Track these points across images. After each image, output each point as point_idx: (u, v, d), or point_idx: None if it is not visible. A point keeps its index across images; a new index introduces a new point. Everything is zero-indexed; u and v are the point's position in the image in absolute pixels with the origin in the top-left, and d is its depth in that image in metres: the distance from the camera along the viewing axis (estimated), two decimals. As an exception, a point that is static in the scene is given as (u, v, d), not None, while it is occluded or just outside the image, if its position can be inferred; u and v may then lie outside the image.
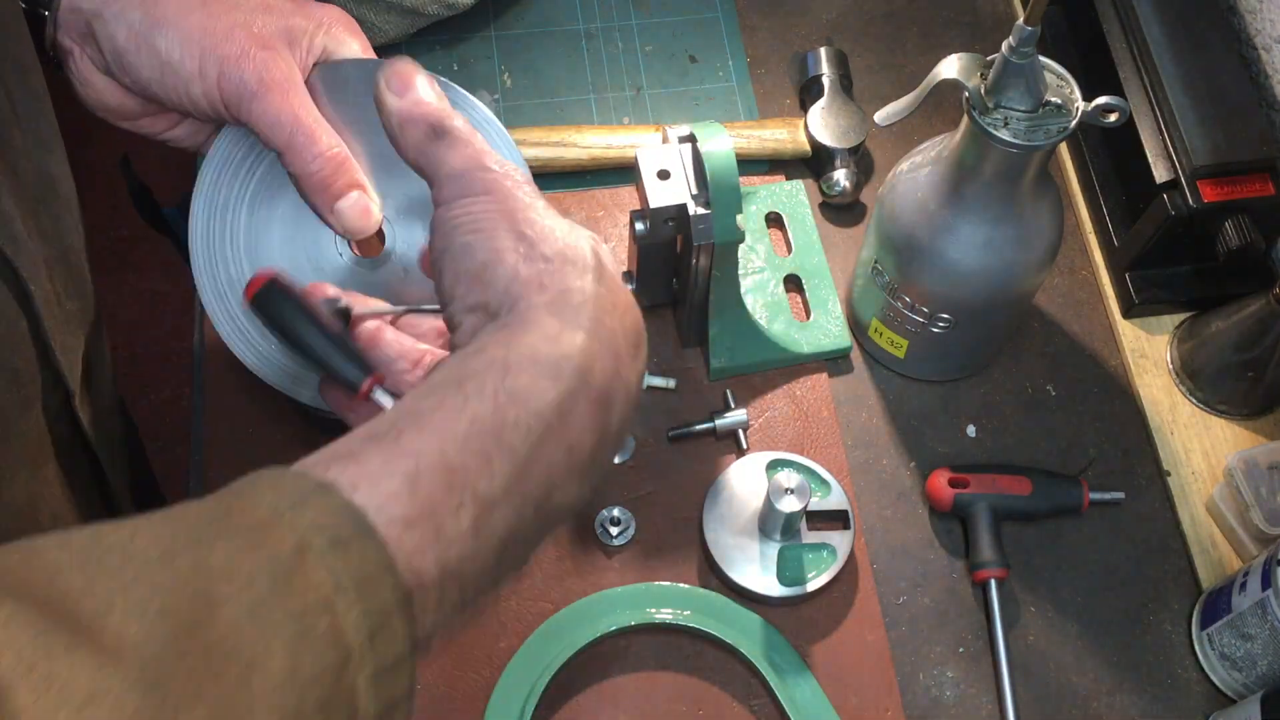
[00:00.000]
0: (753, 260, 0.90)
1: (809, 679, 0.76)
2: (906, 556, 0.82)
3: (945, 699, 0.78)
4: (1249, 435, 0.86)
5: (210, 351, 0.85)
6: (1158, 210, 0.84)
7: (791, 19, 1.02)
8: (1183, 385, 0.88)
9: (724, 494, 0.80)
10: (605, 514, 0.80)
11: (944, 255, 0.76)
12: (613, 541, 0.80)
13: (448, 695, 0.75)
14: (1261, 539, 0.79)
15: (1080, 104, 0.70)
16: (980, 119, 0.69)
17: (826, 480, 0.81)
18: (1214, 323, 0.85)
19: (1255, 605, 0.73)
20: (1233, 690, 0.77)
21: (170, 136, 0.70)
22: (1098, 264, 0.92)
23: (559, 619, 0.77)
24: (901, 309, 0.81)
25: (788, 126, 0.94)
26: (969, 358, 0.86)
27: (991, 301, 0.79)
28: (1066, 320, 0.91)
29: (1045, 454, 0.85)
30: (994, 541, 0.80)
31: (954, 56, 0.71)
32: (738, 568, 0.78)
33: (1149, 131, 0.86)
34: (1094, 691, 0.78)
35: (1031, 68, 0.68)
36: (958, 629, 0.80)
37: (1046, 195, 0.76)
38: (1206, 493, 0.84)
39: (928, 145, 0.78)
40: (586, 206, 0.92)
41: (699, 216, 0.77)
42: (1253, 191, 0.83)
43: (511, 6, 1.01)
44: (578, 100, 0.98)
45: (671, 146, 0.79)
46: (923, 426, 0.86)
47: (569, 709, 0.76)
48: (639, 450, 0.83)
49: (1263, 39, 0.91)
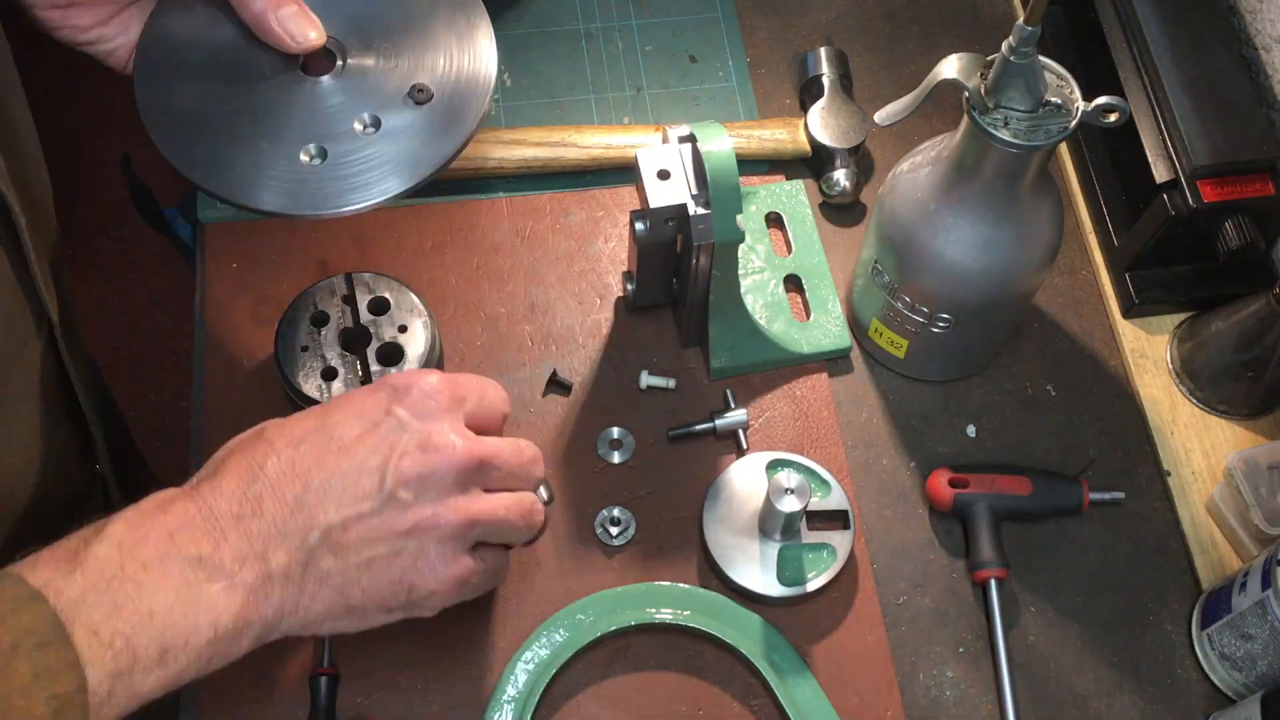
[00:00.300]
0: (753, 260, 0.90)
1: (809, 679, 0.76)
2: (906, 556, 0.82)
3: (945, 699, 0.78)
4: (1249, 435, 0.86)
5: (210, 351, 0.85)
6: (1158, 210, 0.84)
7: (791, 19, 1.02)
8: (1183, 385, 0.88)
9: (724, 494, 0.80)
10: (605, 514, 0.81)
11: (944, 255, 0.76)
12: (613, 541, 0.80)
13: (448, 695, 0.75)
14: (1261, 539, 0.79)
15: (1080, 104, 0.70)
16: (980, 119, 0.69)
17: (826, 480, 0.81)
18: (1214, 323, 0.85)
19: (1255, 605, 0.73)
20: (1233, 690, 0.77)
21: (99, 34, 0.71)
22: (1098, 264, 0.92)
23: (559, 619, 0.77)
24: (901, 309, 0.81)
25: (788, 126, 0.94)
26: (969, 358, 0.86)
27: (991, 301, 0.79)
28: (1066, 320, 0.91)
29: (1045, 454, 0.85)
30: (994, 541, 0.80)
31: (954, 56, 0.71)
32: (738, 568, 0.78)
33: (1149, 131, 0.86)
34: (1094, 691, 0.78)
35: (1031, 68, 0.68)
36: (958, 629, 0.80)
37: (1047, 195, 0.76)
38: (1206, 493, 0.84)
39: (928, 145, 0.78)
40: (586, 206, 0.92)
41: (699, 216, 0.77)
42: (1253, 191, 0.83)
43: (511, 6, 1.01)
44: (578, 100, 0.98)
45: (671, 146, 0.79)
46: (923, 426, 0.86)
47: (569, 709, 0.76)
48: (639, 450, 0.83)
49: (1263, 39, 0.91)
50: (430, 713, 0.75)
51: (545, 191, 0.93)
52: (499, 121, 0.96)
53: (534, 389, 0.85)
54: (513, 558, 0.80)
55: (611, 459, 0.83)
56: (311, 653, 0.75)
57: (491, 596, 0.78)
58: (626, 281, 0.87)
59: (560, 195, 0.93)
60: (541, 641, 0.76)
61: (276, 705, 0.74)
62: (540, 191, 0.93)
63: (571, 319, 0.88)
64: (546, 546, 0.80)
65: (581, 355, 0.87)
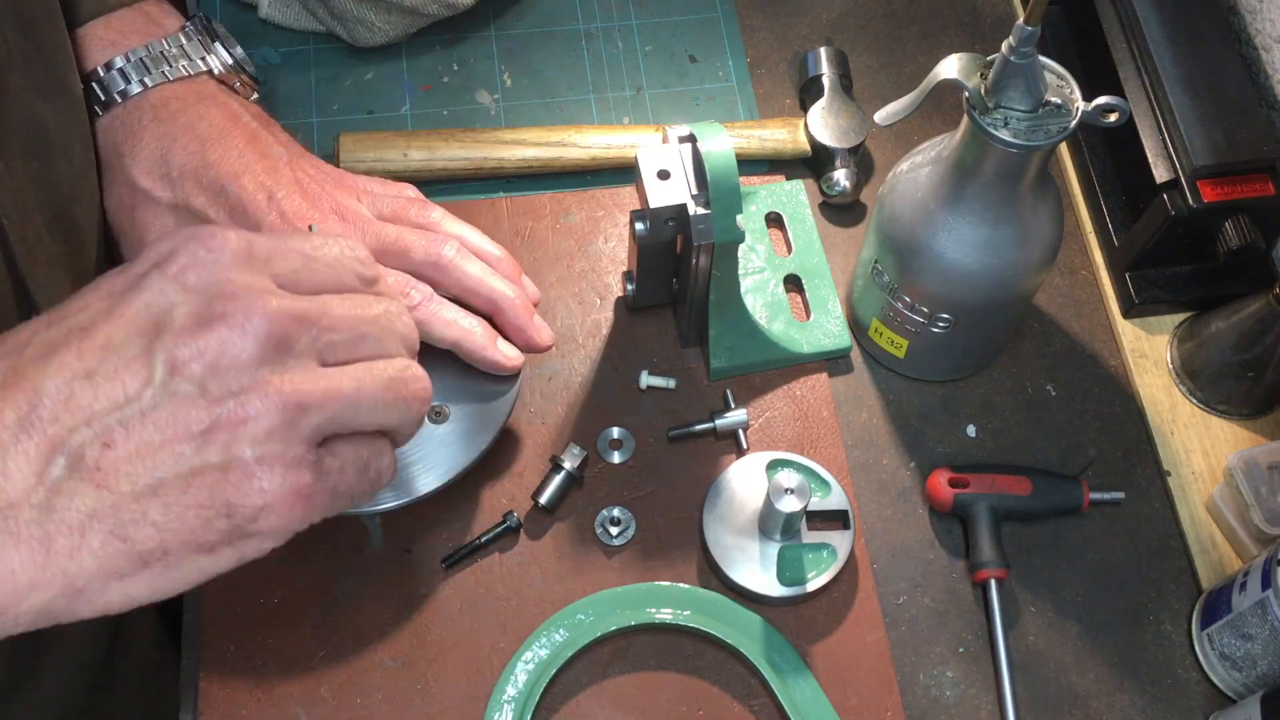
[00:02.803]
0: (753, 260, 0.90)
1: (809, 679, 0.76)
2: (906, 556, 0.82)
3: (945, 699, 0.78)
4: (1249, 435, 0.86)
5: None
6: (1158, 210, 0.84)
7: (791, 19, 1.02)
8: (1183, 385, 0.88)
9: (724, 494, 0.80)
10: (605, 514, 0.80)
11: (944, 255, 0.76)
12: (613, 541, 0.80)
13: (448, 695, 0.75)
14: (1261, 539, 0.79)
15: (1080, 104, 0.70)
16: (980, 119, 0.69)
17: (826, 480, 0.81)
18: (1214, 323, 0.85)
19: (1255, 605, 0.73)
20: (1233, 690, 0.77)
21: None
22: (1098, 264, 0.92)
23: (559, 619, 0.77)
24: (902, 309, 0.81)
25: (788, 126, 0.94)
26: (969, 358, 0.86)
27: (992, 301, 0.79)
28: (1066, 320, 0.91)
29: (1045, 454, 0.85)
30: (994, 541, 0.80)
31: (954, 57, 0.71)
32: (738, 568, 0.78)
33: (1149, 131, 0.86)
34: (1094, 691, 0.78)
35: (1031, 68, 0.68)
36: (958, 629, 0.80)
37: (1047, 195, 0.76)
38: (1206, 493, 0.84)
39: (927, 145, 0.78)
40: (586, 206, 0.92)
41: (699, 216, 0.77)
42: (1253, 191, 0.83)
43: (511, 6, 1.01)
44: (578, 100, 0.98)
45: (671, 146, 0.79)
46: (923, 426, 0.86)
47: (569, 709, 0.76)
48: (639, 450, 0.83)
49: (1263, 39, 0.91)
50: (430, 713, 0.75)
51: (545, 191, 0.93)
52: (499, 121, 0.96)
53: (534, 389, 0.85)
54: (512, 558, 0.79)
55: (611, 459, 0.83)
56: (311, 646, 0.75)
57: (491, 596, 0.78)
58: (626, 281, 0.87)
59: (560, 195, 0.93)
60: (541, 641, 0.76)
61: (276, 705, 0.74)
62: (540, 191, 0.93)
63: (571, 319, 0.88)
64: (547, 546, 0.80)
65: (581, 355, 0.87)
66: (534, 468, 0.82)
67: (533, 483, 0.81)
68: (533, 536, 0.80)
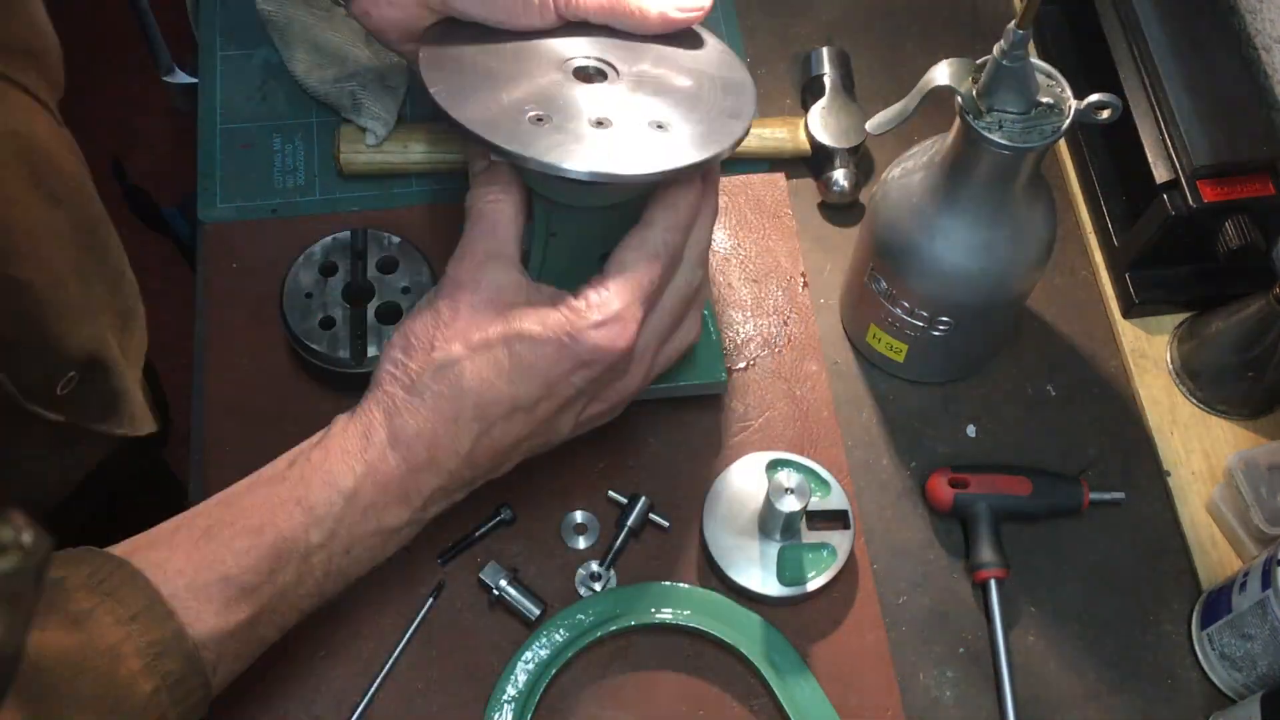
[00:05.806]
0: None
1: (809, 679, 0.76)
2: (906, 557, 0.82)
3: (945, 699, 0.78)
4: (1249, 435, 0.86)
5: (210, 351, 0.85)
6: (1158, 210, 0.84)
7: (792, 19, 1.02)
8: (1183, 385, 0.88)
9: (724, 494, 0.80)
10: (583, 571, 0.80)
11: (942, 259, 0.76)
12: (593, 586, 0.79)
13: (448, 695, 0.75)
14: (1261, 539, 0.79)
15: (1073, 102, 0.70)
16: (974, 123, 0.69)
17: (826, 480, 0.81)
18: (1214, 323, 0.85)
19: (1255, 605, 0.73)
20: (1233, 690, 0.78)
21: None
22: (1098, 264, 0.92)
23: (559, 619, 0.77)
24: (900, 314, 0.81)
25: (788, 126, 0.94)
26: (968, 359, 0.86)
27: (990, 302, 0.79)
28: (1066, 320, 0.91)
29: (1045, 454, 0.85)
30: (994, 542, 0.80)
31: (945, 63, 0.71)
32: (738, 568, 0.78)
33: (1149, 131, 0.86)
34: (1094, 692, 0.78)
35: (1023, 70, 0.68)
36: (958, 629, 0.80)
37: (1040, 195, 0.76)
38: (1206, 493, 0.84)
39: (918, 150, 0.78)
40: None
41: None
42: (1253, 191, 0.83)
43: (511, 7, 1.01)
44: (578, 100, 0.97)
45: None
46: (923, 427, 0.86)
47: (569, 709, 0.76)
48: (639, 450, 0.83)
49: (1263, 39, 0.91)
50: (430, 713, 0.75)
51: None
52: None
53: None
54: (512, 558, 0.80)
55: (576, 545, 0.82)
56: (311, 646, 0.75)
57: (491, 597, 0.78)
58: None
59: (560, 195, 0.93)
60: (541, 641, 0.76)
61: (276, 705, 0.74)
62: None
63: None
64: (547, 547, 0.80)
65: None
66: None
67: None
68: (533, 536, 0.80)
